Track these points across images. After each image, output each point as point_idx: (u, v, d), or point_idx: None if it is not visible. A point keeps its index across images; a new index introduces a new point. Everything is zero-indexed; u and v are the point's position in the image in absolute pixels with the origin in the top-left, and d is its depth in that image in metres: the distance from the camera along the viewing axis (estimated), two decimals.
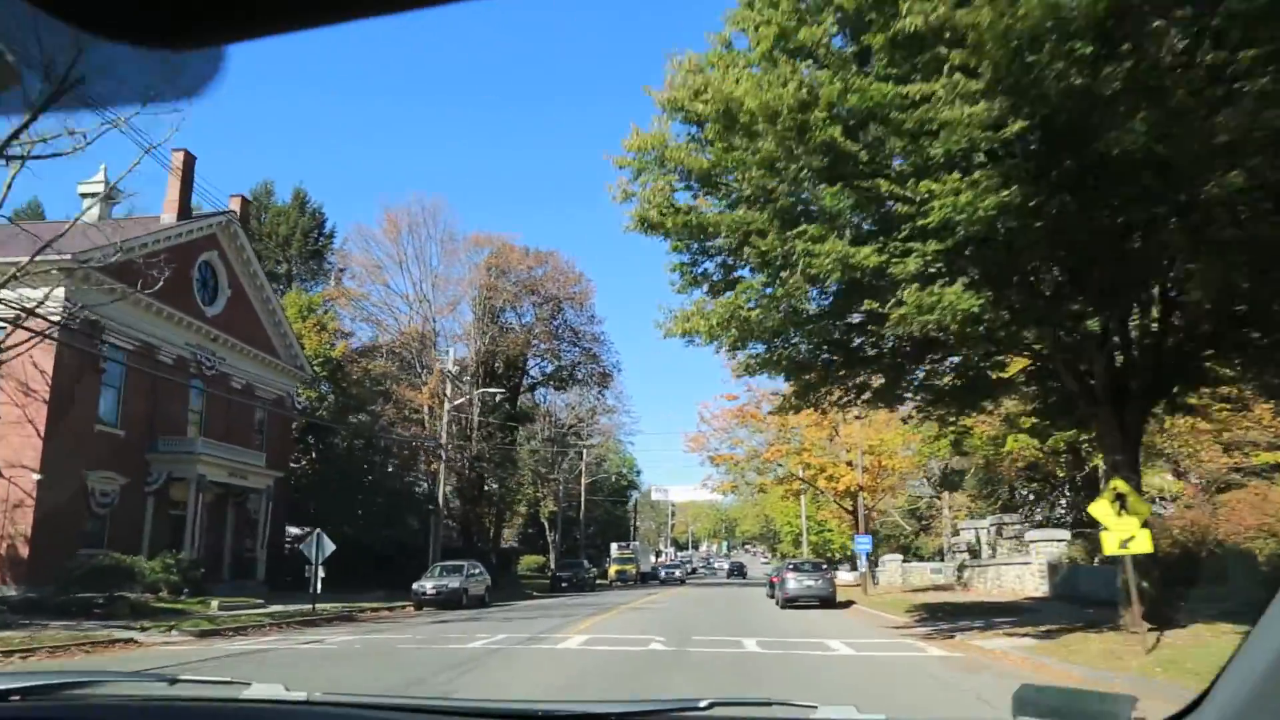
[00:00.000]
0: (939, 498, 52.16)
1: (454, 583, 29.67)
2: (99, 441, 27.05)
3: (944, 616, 21.38)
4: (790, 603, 28.22)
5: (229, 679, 2.29)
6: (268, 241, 51.37)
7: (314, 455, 44.57)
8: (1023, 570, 29.84)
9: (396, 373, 47.80)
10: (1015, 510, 43.71)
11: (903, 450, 40.44)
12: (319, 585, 23.51)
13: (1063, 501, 45.22)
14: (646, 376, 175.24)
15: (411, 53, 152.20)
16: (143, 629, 17.74)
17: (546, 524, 65.59)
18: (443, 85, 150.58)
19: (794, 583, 28.61)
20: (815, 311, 15.37)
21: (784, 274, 12.06)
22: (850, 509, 42.69)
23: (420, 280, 49.16)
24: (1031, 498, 45.34)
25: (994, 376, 17.14)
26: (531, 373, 59.15)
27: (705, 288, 16.01)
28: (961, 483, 34.62)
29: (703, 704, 1.90)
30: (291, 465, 41.84)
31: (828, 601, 28.39)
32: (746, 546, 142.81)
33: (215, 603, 24.07)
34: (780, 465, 43.77)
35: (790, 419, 40.61)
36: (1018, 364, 18.06)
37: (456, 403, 42.00)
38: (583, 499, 66.26)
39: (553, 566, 56.80)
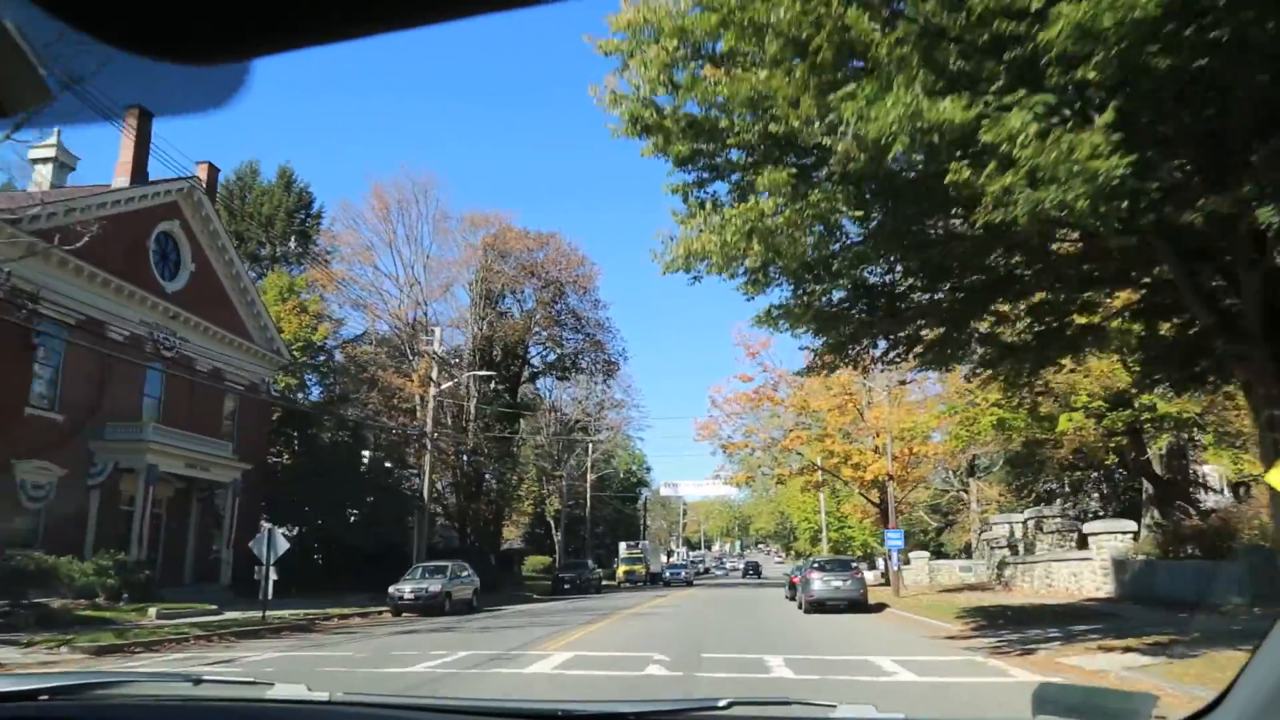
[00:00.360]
0: (966, 490, 48.61)
1: (435, 586, 26.31)
2: (30, 426, 23.84)
3: (1006, 624, 17.86)
4: (815, 606, 24.83)
5: (253, 679, 2.30)
6: (250, 222, 48.21)
7: (296, 447, 41.25)
8: (1080, 567, 26.28)
9: (385, 359, 44.56)
10: (1049, 502, 40.21)
11: (935, 435, 36.85)
12: (270, 589, 20.21)
13: (1095, 495, 41.68)
14: (657, 374, 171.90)
15: (410, 44, 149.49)
16: (28, 644, 14.49)
17: (552, 523, 62.30)
18: (443, 77, 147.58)
19: (819, 583, 25.19)
20: (858, 235, 12.04)
21: (828, 140, 8.63)
22: (876, 501, 39.15)
23: (411, 262, 45.94)
24: (1069, 489, 41.82)
25: (1081, 321, 13.64)
26: (532, 361, 55.90)
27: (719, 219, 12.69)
28: (1035, 456, 31.06)
29: (722, 703, 1.90)
30: (271, 459, 38.64)
31: (858, 604, 24.97)
32: (760, 545, 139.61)
33: (153, 610, 20.85)
34: (799, 454, 40.19)
35: (812, 402, 37.20)
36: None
37: (444, 386, 38.65)
38: (588, 496, 62.90)
39: (557, 567, 53.48)
